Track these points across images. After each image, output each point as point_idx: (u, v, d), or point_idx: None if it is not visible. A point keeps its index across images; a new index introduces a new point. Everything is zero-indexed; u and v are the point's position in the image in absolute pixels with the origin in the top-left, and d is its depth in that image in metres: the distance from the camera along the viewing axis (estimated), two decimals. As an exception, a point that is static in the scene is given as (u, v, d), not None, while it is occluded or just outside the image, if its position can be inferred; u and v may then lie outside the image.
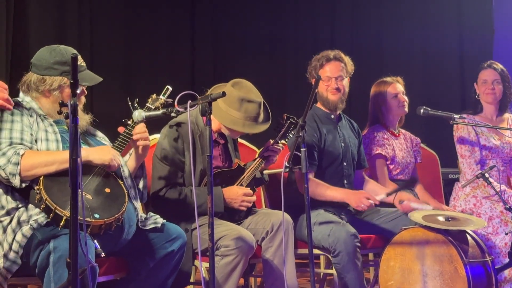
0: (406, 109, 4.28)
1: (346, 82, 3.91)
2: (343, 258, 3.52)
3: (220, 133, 3.59)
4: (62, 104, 2.29)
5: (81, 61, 2.95)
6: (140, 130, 3.04)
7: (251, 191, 3.48)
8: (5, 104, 2.74)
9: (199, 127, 3.48)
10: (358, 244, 3.57)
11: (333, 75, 3.85)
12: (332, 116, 3.98)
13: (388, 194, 3.84)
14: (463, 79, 6.57)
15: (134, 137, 3.04)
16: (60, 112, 2.34)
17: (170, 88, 3.13)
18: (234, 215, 3.48)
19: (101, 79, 3.00)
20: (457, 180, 4.44)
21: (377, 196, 3.78)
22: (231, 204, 3.42)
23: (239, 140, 3.90)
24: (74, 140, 2.18)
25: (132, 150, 3.14)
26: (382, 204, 3.92)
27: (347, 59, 3.90)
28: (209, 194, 2.79)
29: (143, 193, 3.17)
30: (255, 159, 3.58)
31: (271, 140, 3.56)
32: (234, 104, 3.40)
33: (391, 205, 3.97)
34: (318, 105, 4.00)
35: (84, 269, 2.31)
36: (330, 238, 3.56)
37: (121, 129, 3.03)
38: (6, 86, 2.74)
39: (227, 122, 3.44)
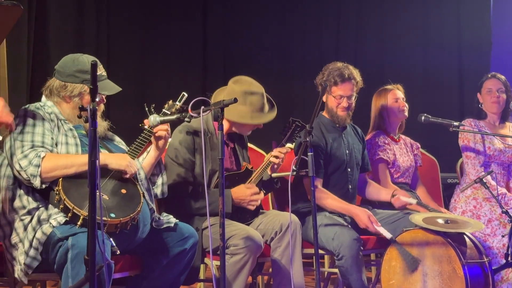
0: (406, 114, 4.34)
1: (354, 99, 3.99)
2: (347, 261, 3.58)
3: (229, 136, 3.66)
4: (82, 109, 2.37)
5: (102, 71, 3.05)
6: (164, 127, 3.12)
7: (258, 189, 3.51)
8: (12, 126, 2.80)
9: (209, 130, 3.55)
10: (361, 248, 3.64)
11: (345, 94, 3.92)
12: (337, 125, 4.05)
13: (418, 204, 3.98)
14: (462, 91, 6.62)
15: (159, 134, 3.11)
16: (80, 116, 2.40)
17: (186, 95, 3.21)
18: (244, 215, 3.53)
19: (120, 89, 3.08)
20: (456, 184, 4.55)
21: (405, 197, 3.95)
22: (240, 204, 3.46)
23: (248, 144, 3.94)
24: (93, 143, 2.26)
25: (149, 148, 3.21)
26: (383, 206, 4.03)
27: (359, 77, 3.96)
28: (221, 195, 2.87)
29: (163, 188, 3.23)
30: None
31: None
32: (238, 99, 3.43)
33: (390, 207, 4.08)
34: (324, 113, 4.07)
35: (101, 266, 2.37)
36: (334, 242, 3.63)
37: (146, 122, 3.12)
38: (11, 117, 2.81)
39: (236, 117, 3.49)
